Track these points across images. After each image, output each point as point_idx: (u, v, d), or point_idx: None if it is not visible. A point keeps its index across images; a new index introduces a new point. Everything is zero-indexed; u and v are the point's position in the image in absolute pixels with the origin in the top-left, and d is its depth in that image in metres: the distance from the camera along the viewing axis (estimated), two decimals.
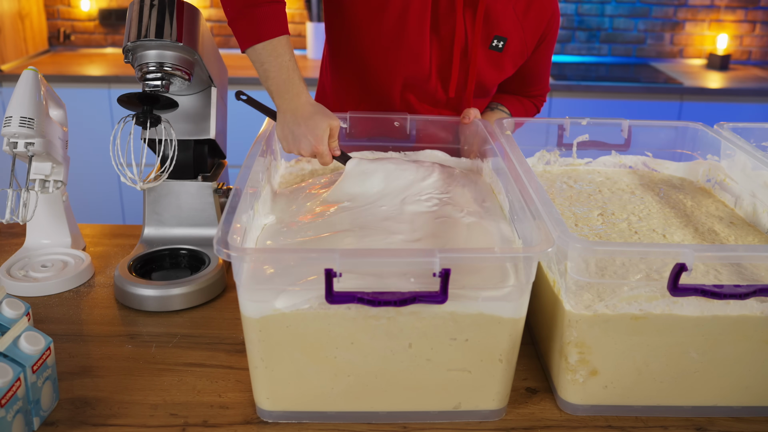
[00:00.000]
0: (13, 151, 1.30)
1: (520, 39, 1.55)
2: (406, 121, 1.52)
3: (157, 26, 1.26)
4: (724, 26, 3.95)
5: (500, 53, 1.55)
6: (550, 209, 1.04)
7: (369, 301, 0.90)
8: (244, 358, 1.10)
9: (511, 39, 1.54)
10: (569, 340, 1.01)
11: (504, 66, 1.58)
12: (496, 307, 0.96)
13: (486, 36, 1.53)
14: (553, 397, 1.09)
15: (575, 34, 3.94)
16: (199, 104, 1.47)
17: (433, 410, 1.03)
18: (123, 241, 1.59)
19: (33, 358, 0.96)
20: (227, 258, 0.90)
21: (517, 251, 1.05)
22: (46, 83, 1.37)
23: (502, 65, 1.58)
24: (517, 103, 1.73)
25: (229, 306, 1.33)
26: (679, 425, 1.04)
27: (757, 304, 0.99)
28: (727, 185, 1.40)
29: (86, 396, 1.07)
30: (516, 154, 1.27)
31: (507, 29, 1.53)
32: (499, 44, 1.53)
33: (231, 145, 1.65)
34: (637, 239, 1.20)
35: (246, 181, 1.10)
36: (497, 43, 1.53)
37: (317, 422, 1.02)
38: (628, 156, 1.55)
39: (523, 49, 1.58)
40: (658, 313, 0.99)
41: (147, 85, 1.29)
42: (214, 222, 1.48)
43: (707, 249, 1.00)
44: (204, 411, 1.05)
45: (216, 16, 3.91)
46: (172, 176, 1.43)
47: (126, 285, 1.31)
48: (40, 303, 1.33)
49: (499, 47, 1.54)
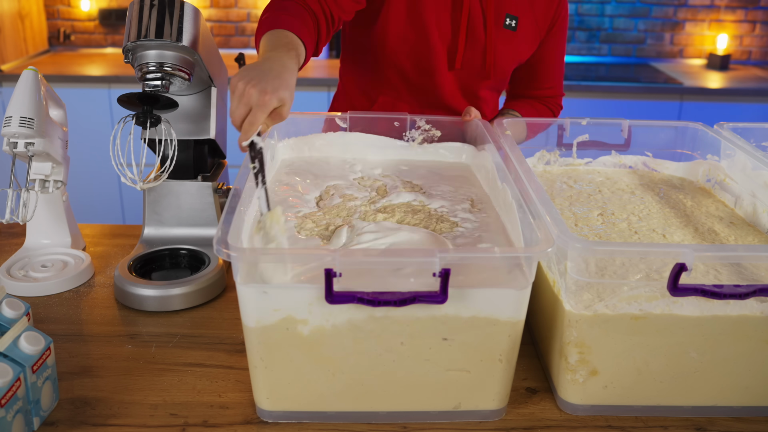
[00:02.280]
0: (13, 151, 1.30)
1: (531, 19, 1.59)
2: (407, 121, 1.52)
3: (157, 26, 1.26)
4: (724, 26, 3.95)
5: (514, 32, 1.58)
6: (550, 209, 1.04)
7: (369, 301, 0.90)
8: (244, 358, 1.10)
9: (522, 18, 1.58)
10: (569, 340, 1.01)
11: (519, 48, 1.61)
12: (495, 307, 0.96)
13: (498, 14, 1.56)
14: (553, 397, 1.09)
15: (575, 34, 3.94)
16: (199, 104, 1.47)
17: (433, 410, 1.03)
18: (123, 241, 1.59)
19: (33, 358, 0.96)
20: (227, 258, 0.90)
21: (517, 251, 1.05)
22: (46, 83, 1.37)
23: (516, 46, 1.60)
24: (530, 108, 1.74)
25: (229, 306, 1.33)
26: (679, 425, 1.04)
27: (757, 304, 0.99)
28: (727, 185, 1.40)
29: (86, 396, 1.07)
30: (516, 154, 1.27)
31: (517, 8, 1.57)
32: (512, 23, 1.56)
33: (231, 145, 1.65)
34: (637, 239, 1.20)
35: (246, 181, 1.10)
36: (510, 21, 1.56)
37: (317, 422, 1.02)
38: (628, 156, 1.55)
39: (535, 31, 1.61)
40: (658, 313, 0.99)
41: (147, 85, 1.29)
42: (214, 222, 1.48)
43: (707, 249, 1.00)
44: (204, 411, 1.05)
45: (216, 16, 3.92)
46: (172, 176, 1.43)
47: (126, 285, 1.31)
48: (40, 303, 1.33)
49: (513, 26, 1.57)
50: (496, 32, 1.58)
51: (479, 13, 1.56)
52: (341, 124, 1.52)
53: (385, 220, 1.20)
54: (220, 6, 3.90)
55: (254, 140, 1.02)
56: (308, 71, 3.47)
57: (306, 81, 3.34)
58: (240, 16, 3.93)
